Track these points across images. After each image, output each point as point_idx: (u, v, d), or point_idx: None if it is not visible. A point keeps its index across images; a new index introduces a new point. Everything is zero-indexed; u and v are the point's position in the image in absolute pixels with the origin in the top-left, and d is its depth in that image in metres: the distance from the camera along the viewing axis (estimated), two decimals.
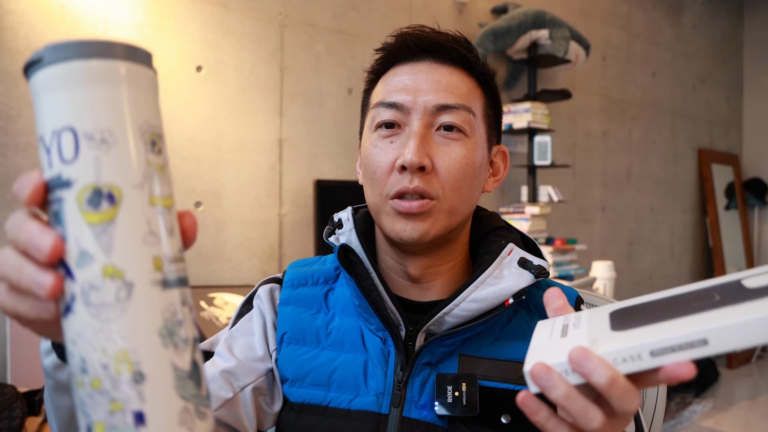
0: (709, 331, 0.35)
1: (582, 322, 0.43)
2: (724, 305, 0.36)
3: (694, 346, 0.35)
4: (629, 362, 0.37)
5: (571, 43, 2.71)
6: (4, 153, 1.68)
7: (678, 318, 0.37)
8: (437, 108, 0.62)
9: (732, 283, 0.39)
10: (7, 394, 1.42)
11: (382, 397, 0.63)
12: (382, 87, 0.66)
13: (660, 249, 3.91)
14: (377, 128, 0.65)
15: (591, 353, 0.37)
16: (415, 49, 0.65)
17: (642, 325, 0.38)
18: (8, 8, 1.68)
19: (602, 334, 0.40)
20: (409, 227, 0.62)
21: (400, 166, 0.61)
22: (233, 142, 2.07)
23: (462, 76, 0.65)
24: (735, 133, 4.59)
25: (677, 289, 0.42)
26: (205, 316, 1.79)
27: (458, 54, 0.65)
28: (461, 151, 0.63)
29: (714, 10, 4.36)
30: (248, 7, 2.11)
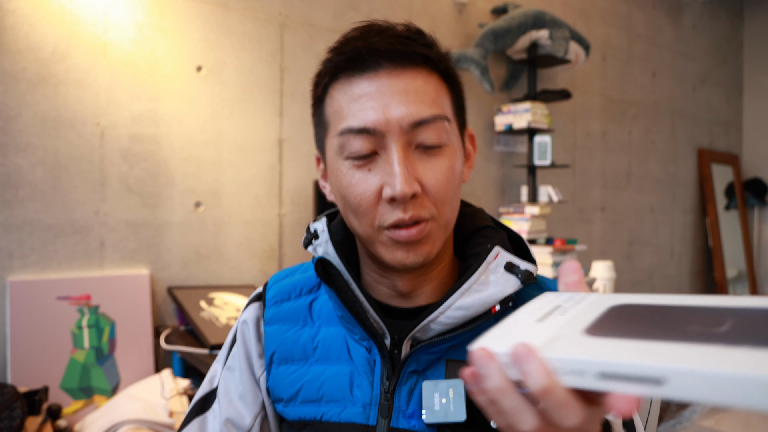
0: (667, 371, 0.29)
1: (573, 310, 0.39)
2: (718, 342, 0.30)
3: (644, 382, 0.29)
4: (573, 376, 0.32)
5: (571, 43, 2.71)
6: (4, 153, 1.67)
7: (656, 341, 0.31)
8: (413, 125, 0.57)
9: (761, 312, 0.32)
10: (7, 394, 1.42)
11: (369, 408, 0.62)
12: (342, 104, 0.59)
13: (660, 249, 3.91)
14: (349, 158, 0.59)
15: (533, 354, 0.33)
16: (370, 57, 0.58)
17: (617, 336, 0.33)
18: (8, 8, 1.67)
19: (572, 332, 0.35)
20: (411, 254, 0.59)
21: (390, 198, 0.57)
22: (233, 142, 2.07)
23: (426, 77, 0.60)
24: (735, 133, 4.59)
25: (699, 299, 0.37)
26: (205, 316, 1.79)
27: (418, 55, 0.59)
28: (445, 163, 0.59)
29: (714, 10, 4.36)
30: (248, 7, 2.10)
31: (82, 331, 1.75)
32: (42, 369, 1.67)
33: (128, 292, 1.84)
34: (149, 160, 1.91)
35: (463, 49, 2.61)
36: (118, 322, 1.81)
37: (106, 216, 1.84)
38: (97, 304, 1.79)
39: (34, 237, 1.72)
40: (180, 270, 1.97)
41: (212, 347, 1.63)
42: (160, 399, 1.59)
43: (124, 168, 1.87)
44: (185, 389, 1.64)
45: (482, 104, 2.85)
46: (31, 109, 1.71)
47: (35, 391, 1.53)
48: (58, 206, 1.76)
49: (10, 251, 1.68)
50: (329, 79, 0.62)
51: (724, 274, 4.06)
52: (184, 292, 1.90)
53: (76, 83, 1.78)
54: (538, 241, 2.71)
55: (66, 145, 1.77)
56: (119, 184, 1.86)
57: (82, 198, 1.80)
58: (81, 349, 1.74)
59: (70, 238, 1.78)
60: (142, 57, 1.89)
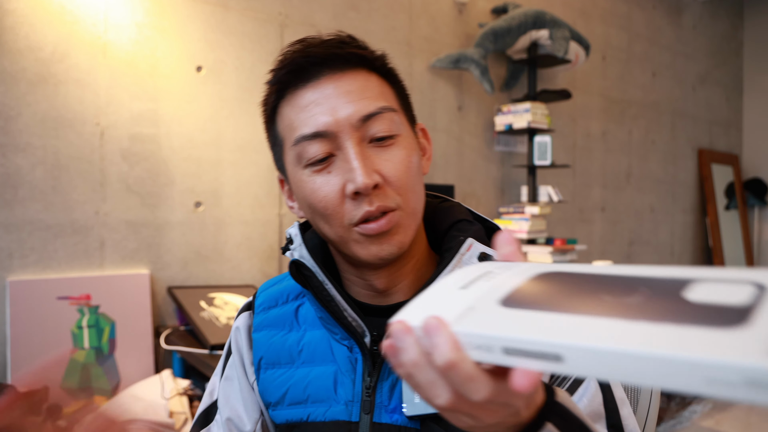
0: (564, 347, 0.28)
1: (499, 277, 0.37)
2: (621, 315, 0.29)
3: (546, 358, 0.29)
4: (481, 351, 0.31)
5: (571, 43, 2.71)
6: (4, 153, 1.67)
7: (564, 313, 0.30)
8: (362, 119, 0.59)
9: (675, 283, 0.31)
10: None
11: (351, 405, 0.63)
12: (291, 117, 0.61)
13: (660, 249, 3.91)
14: (308, 165, 0.61)
15: (442, 327, 0.32)
16: (311, 67, 0.60)
17: (529, 307, 0.32)
18: (8, 8, 1.67)
19: (488, 303, 0.34)
20: (385, 246, 0.60)
21: (353, 193, 0.58)
22: (233, 142, 2.07)
23: (366, 76, 0.62)
24: (735, 133, 4.59)
25: (628, 269, 0.35)
26: (205, 316, 1.79)
27: (355, 56, 0.61)
28: (401, 153, 0.61)
29: (714, 10, 4.36)
30: (248, 7, 2.10)
31: (82, 331, 1.75)
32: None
33: (128, 292, 1.84)
34: (149, 160, 1.91)
35: (463, 49, 2.61)
36: (118, 322, 1.81)
37: (106, 216, 1.84)
38: (97, 304, 1.78)
39: (34, 237, 1.72)
40: (180, 270, 1.97)
41: (212, 347, 1.63)
42: (160, 399, 1.59)
43: (124, 168, 1.87)
44: (185, 389, 1.64)
45: (482, 104, 2.85)
46: (31, 109, 1.71)
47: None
48: (58, 206, 1.76)
49: (10, 251, 1.68)
50: (276, 97, 0.64)
51: None
52: (184, 292, 1.90)
53: (76, 83, 1.78)
54: (538, 241, 2.71)
55: (66, 145, 1.77)
56: (119, 184, 1.86)
57: (82, 198, 1.80)
58: (81, 349, 1.74)
59: (70, 238, 1.78)
60: (142, 57, 1.89)
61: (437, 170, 2.66)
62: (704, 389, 0.24)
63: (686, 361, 0.24)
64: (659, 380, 0.26)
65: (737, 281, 0.30)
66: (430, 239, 0.72)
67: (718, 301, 0.28)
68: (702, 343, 0.25)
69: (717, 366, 0.24)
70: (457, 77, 2.74)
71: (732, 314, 0.26)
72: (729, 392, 0.24)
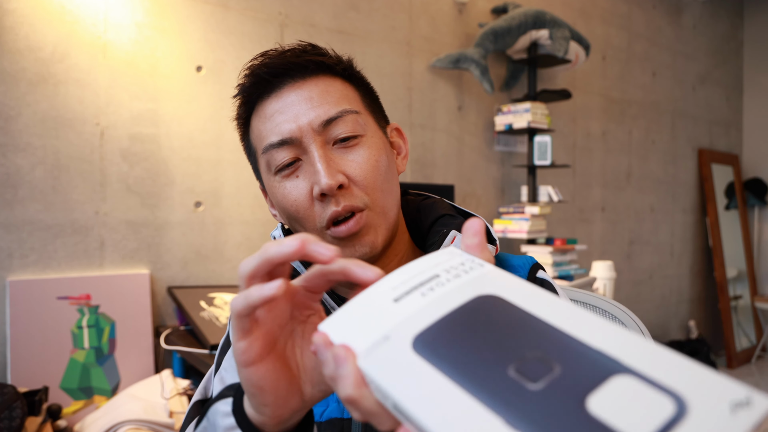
0: (415, 420, 0.27)
1: (438, 290, 0.34)
2: (513, 414, 0.26)
3: (409, 422, 0.28)
4: (379, 395, 0.30)
5: (571, 43, 2.71)
6: (4, 153, 1.67)
7: (460, 386, 0.28)
8: (323, 124, 0.61)
9: (596, 372, 0.27)
10: (7, 394, 1.42)
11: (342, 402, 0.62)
12: (260, 128, 0.64)
13: (660, 249, 3.91)
14: (277, 172, 0.63)
15: (348, 360, 0.32)
16: (272, 79, 0.63)
17: (433, 361, 0.30)
18: (8, 8, 1.67)
19: (401, 339, 0.32)
20: (357, 247, 0.61)
21: (319, 194, 0.60)
22: (233, 142, 2.07)
23: (328, 82, 0.64)
24: (735, 133, 4.59)
25: (569, 317, 0.31)
26: (205, 316, 1.79)
27: (314, 63, 0.63)
28: (365, 152, 0.62)
29: (714, 10, 4.36)
30: (248, 7, 2.10)
31: (82, 331, 1.75)
32: (42, 369, 1.67)
33: (128, 292, 1.84)
34: (149, 160, 1.91)
35: (463, 49, 2.61)
36: (118, 322, 1.81)
37: (106, 216, 1.84)
38: (97, 304, 1.78)
39: (34, 237, 1.72)
40: (180, 270, 1.97)
41: (212, 347, 1.63)
42: (160, 399, 1.59)
43: (124, 168, 1.87)
44: (185, 389, 1.64)
45: (482, 104, 2.85)
46: (31, 109, 1.71)
47: (35, 391, 1.53)
48: (58, 206, 1.76)
49: (10, 251, 1.68)
50: (246, 111, 0.66)
51: (724, 274, 4.06)
52: (184, 292, 1.90)
53: (76, 83, 1.78)
54: (538, 240, 2.71)
55: (66, 145, 1.77)
56: (119, 184, 1.86)
57: (82, 198, 1.80)
58: (81, 349, 1.74)
59: (70, 238, 1.78)
60: (142, 57, 1.89)
61: (437, 170, 2.66)
62: None
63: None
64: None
65: (662, 389, 0.25)
66: (415, 237, 0.73)
67: (617, 424, 0.24)
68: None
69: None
70: (457, 77, 2.74)
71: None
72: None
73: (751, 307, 4.27)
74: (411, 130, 2.57)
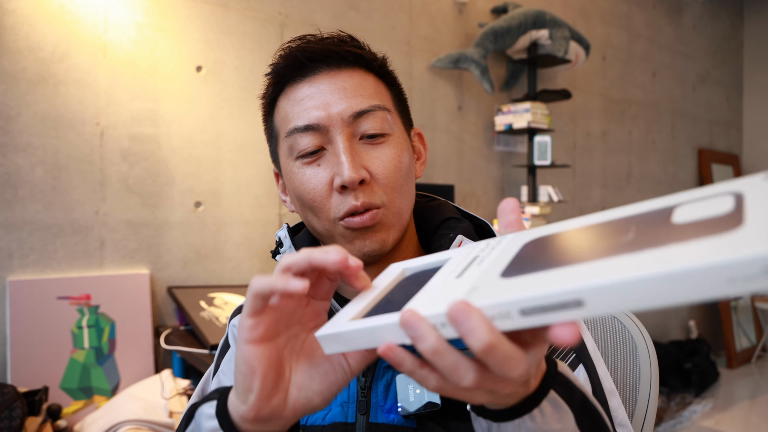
0: (583, 291, 0.29)
1: (489, 258, 0.38)
2: (624, 251, 0.30)
3: (566, 307, 0.29)
4: (502, 320, 0.32)
5: (571, 43, 2.71)
6: (4, 153, 1.67)
7: (568, 265, 0.31)
8: (354, 116, 0.60)
9: (661, 213, 0.33)
10: (7, 394, 1.42)
11: (347, 406, 0.62)
12: (287, 110, 0.63)
13: None
14: (299, 157, 0.62)
15: (472, 311, 0.32)
16: (309, 63, 0.62)
17: (531, 270, 0.33)
18: (8, 8, 1.67)
19: (489, 280, 0.34)
20: (368, 242, 0.61)
21: (340, 186, 0.59)
22: (233, 142, 2.07)
23: (363, 75, 0.63)
24: (735, 133, 4.59)
25: (608, 214, 0.36)
26: (205, 316, 1.79)
27: (352, 55, 0.63)
28: (390, 152, 0.62)
29: (714, 10, 4.36)
30: (248, 7, 2.10)
31: (82, 331, 1.75)
32: (42, 369, 1.67)
33: (128, 292, 1.84)
34: (149, 160, 1.91)
35: (463, 49, 2.61)
36: (118, 322, 1.81)
37: (106, 216, 1.84)
38: (97, 304, 1.79)
39: (34, 237, 1.72)
40: (180, 270, 1.97)
41: (212, 347, 1.63)
42: (160, 399, 1.59)
43: (124, 168, 1.87)
44: (185, 389, 1.64)
45: (482, 104, 2.85)
46: (31, 109, 1.71)
47: (35, 391, 1.53)
48: (58, 206, 1.76)
49: (10, 251, 1.68)
50: (274, 90, 0.65)
51: None
52: (184, 292, 1.90)
53: (76, 83, 1.78)
54: None
55: (66, 145, 1.77)
56: (119, 184, 1.86)
57: (82, 198, 1.80)
58: (81, 349, 1.74)
59: (70, 238, 1.78)
60: (142, 57, 1.89)
61: (437, 170, 2.66)
62: (728, 290, 0.25)
63: (707, 268, 0.25)
64: (684, 295, 0.26)
65: (713, 196, 0.32)
66: (420, 238, 0.72)
67: (706, 215, 0.30)
68: (713, 250, 0.26)
69: (736, 264, 0.25)
70: (457, 77, 2.74)
71: (725, 221, 0.28)
72: (751, 286, 0.25)
73: (751, 307, 4.27)
74: None
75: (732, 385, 3.61)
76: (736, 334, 4.05)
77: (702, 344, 3.67)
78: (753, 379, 3.76)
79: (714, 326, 4.32)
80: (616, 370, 0.82)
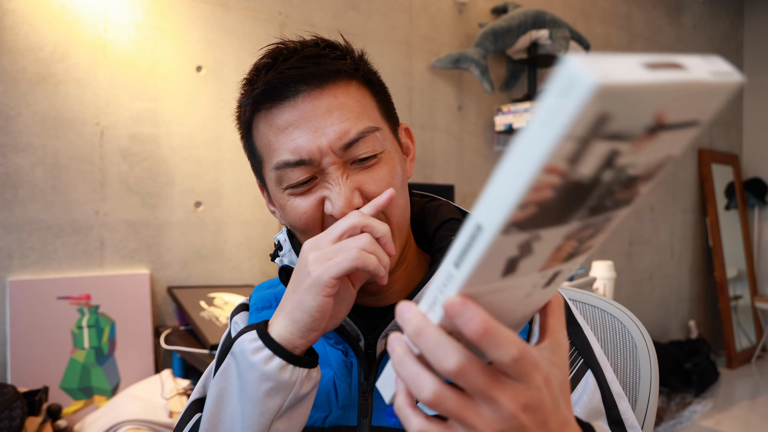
0: (479, 218, 0.29)
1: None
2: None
3: (474, 237, 0.30)
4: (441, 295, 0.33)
5: (571, 43, 2.71)
6: (4, 153, 1.67)
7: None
8: (344, 147, 0.58)
9: None
10: (7, 394, 1.42)
11: (349, 410, 0.62)
12: (270, 138, 0.60)
13: (660, 249, 3.91)
14: (288, 188, 0.60)
15: (410, 305, 0.34)
16: (287, 88, 0.58)
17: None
18: (8, 8, 1.67)
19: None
20: None
21: (331, 216, 0.59)
22: (233, 142, 2.07)
23: (346, 89, 0.60)
24: (735, 133, 4.59)
25: None
26: (205, 316, 1.79)
27: (333, 71, 0.59)
28: (384, 170, 0.60)
29: (714, 10, 4.36)
30: (248, 7, 2.10)
31: (82, 331, 1.75)
32: (42, 369, 1.67)
33: (128, 292, 1.84)
34: (149, 160, 1.91)
35: (463, 49, 2.61)
36: (118, 322, 1.81)
37: (106, 216, 1.84)
38: (97, 304, 1.79)
39: (34, 237, 1.72)
40: (180, 270, 1.97)
41: (212, 347, 1.63)
42: (160, 399, 1.59)
43: (124, 168, 1.87)
44: (185, 389, 1.64)
45: (482, 104, 2.85)
46: (31, 109, 1.71)
47: (35, 391, 1.53)
48: (58, 206, 1.76)
49: (10, 251, 1.68)
50: (251, 112, 0.62)
51: (724, 273, 4.06)
52: (184, 292, 1.90)
53: (76, 83, 1.78)
54: None
55: (66, 145, 1.77)
56: (119, 184, 1.86)
57: (82, 198, 1.80)
58: (81, 349, 1.74)
59: (70, 238, 1.78)
60: (142, 57, 1.89)
61: (437, 170, 2.66)
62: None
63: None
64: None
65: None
66: (419, 239, 0.71)
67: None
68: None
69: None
70: (457, 77, 2.74)
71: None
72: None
73: (751, 307, 4.27)
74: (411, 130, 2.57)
75: (732, 385, 3.61)
76: (736, 334, 4.05)
77: (702, 344, 3.67)
78: (753, 379, 3.77)
79: (714, 326, 4.32)
80: (616, 370, 0.82)
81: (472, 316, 0.31)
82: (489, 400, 0.32)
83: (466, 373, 0.32)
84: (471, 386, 0.32)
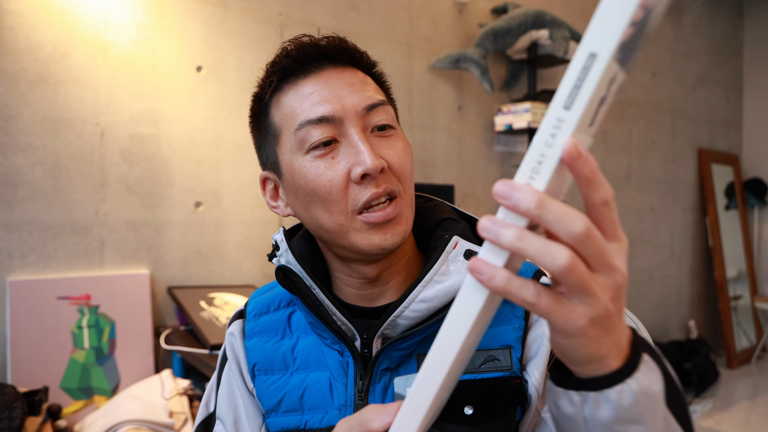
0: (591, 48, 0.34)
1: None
2: None
3: (587, 69, 0.33)
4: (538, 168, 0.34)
5: (571, 43, 2.71)
6: (4, 153, 1.67)
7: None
8: (366, 109, 0.61)
9: None
10: (7, 394, 1.42)
11: (344, 410, 0.62)
12: (293, 105, 0.62)
13: (660, 249, 3.91)
14: (311, 150, 0.60)
15: (514, 183, 0.34)
16: (317, 58, 0.62)
17: None
18: (8, 8, 1.67)
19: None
20: (389, 235, 0.60)
21: (359, 177, 0.58)
22: (233, 142, 2.07)
23: (361, 74, 0.65)
24: (735, 133, 4.59)
25: None
26: (205, 316, 1.79)
27: (357, 53, 0.65)
28: (400, 143, 0.63)
29: (714, 10, 4.36)
30: (248, 7, 2.10)
31: (82, 331, 1.75)
32: (42, 369, 1.67)
33: (128, 292, 1.84)
34: (149, 160, 1.91)
35: (463, 49, 2.61)
36: (118, 322, 1.81)
37: (106, 216, 1.84)
38: (97, 304, 1.79)
39: (34, 237, 1.72)
40: (180, 270, 1.97)
41: (212, 347, 1.63)
42: (160, 399, 1.59)
43: (124, 168, 1.87)
44: (185, 389, 1.64)
45: (482, 104, 2.85)
46: (31, 109, 1.71)
47: (35, 391, 1.53)
48: (58, 206, 1.76)
49: (10, 251, 1.68)
50: (274, 89, 0.64)
51: (724, 273, 4.06)
52: (184, 292, 1.90)
53: (76, 83, 1.78)
54: None
55: (66, 145, 1.77)
56: (119, 184, 1.86)
57: (82, 198, 1.80)
58: (81, 349, 1.74)
59: (70, 238, 1.78)
60: (142, 57, 1.89)
61: (437, 170, 2.66)
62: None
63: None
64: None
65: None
66: (416, 240, 0.72)
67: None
68: None
69: None
70: (457, 77, 2.74)
71: None
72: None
73: (751, 307, 4.27)
74: (411, 130, 2.57)
75: (732, 385, 3.61)
76: (736, 334, 4.05)
77: (702, 344, 3.67)
78: (753, 379, 3.77)
79: (714, 326, 4.32)
80: None
81: (588, 158, 0.34)
82: (606, 266, 0.35)
83: (591, 235, 0.34)
84: (593, 250, 0.34)
